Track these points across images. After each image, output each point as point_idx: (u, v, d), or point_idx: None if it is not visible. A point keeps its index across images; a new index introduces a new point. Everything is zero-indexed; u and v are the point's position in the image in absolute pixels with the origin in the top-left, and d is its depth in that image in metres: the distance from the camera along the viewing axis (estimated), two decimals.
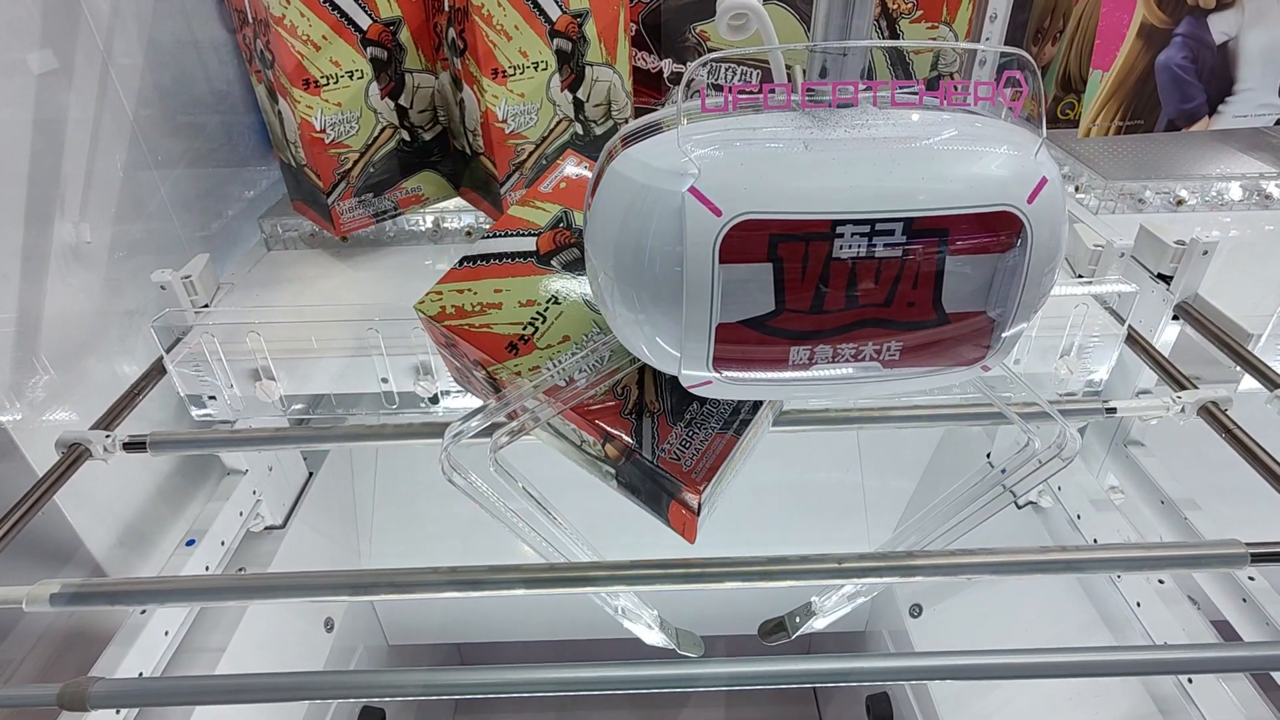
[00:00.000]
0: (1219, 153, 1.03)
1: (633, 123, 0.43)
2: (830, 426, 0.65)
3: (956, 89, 0.40)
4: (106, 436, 0.63)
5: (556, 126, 0.86)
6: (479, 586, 0.50)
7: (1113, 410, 0.66)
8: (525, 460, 0.51)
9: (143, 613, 0.73)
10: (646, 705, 1.59)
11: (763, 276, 0.39)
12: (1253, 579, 0.73)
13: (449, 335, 0.56)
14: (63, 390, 0.72)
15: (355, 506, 1.19)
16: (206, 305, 0.80)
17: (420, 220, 0.95)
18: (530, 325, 0.55)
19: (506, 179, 0.85)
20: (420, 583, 0.51)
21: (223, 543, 0.85)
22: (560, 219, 0.60)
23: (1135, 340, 0.74)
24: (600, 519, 0.60)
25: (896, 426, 0.69)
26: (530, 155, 0.86)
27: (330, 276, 0.90)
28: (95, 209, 0.76)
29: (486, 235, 0.60)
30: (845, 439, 1.22)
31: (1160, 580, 0.79)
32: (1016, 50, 0.40)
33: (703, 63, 0.46)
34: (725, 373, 0.43)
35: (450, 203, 0.95)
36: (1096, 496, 0.88)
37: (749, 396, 0.51)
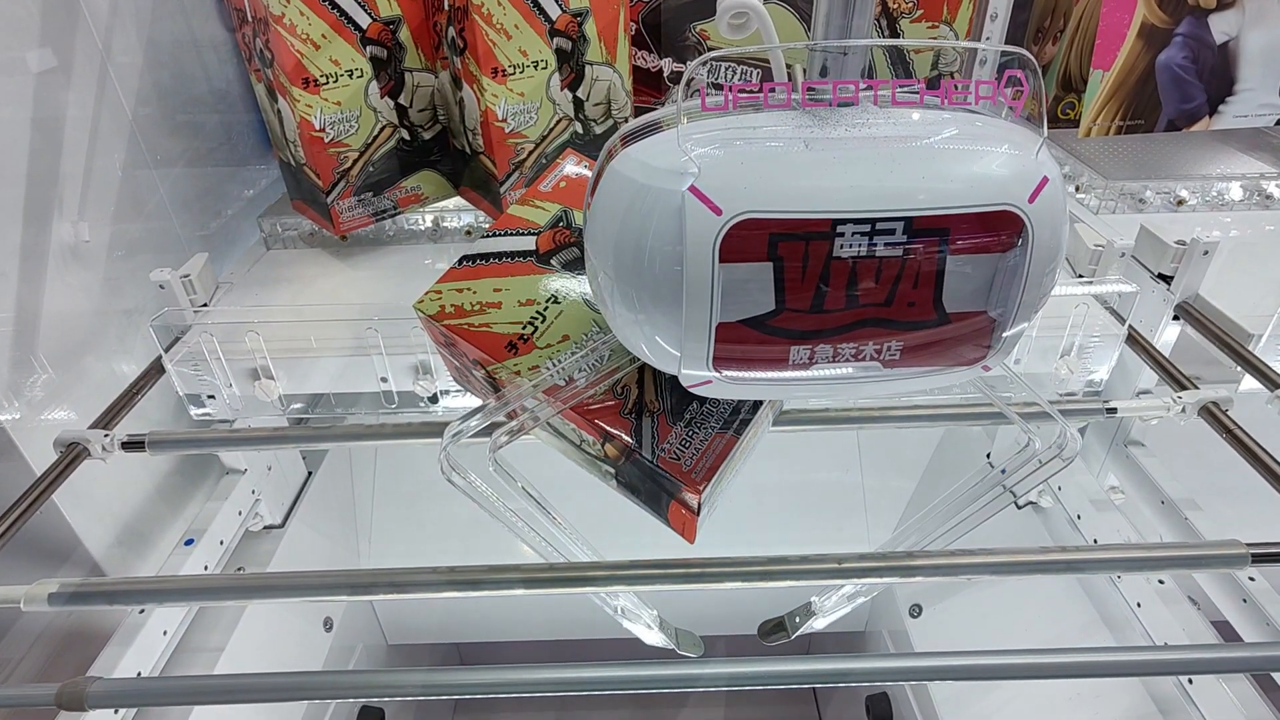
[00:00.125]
0: (1219, 153, 1.03)
1: (632, 122, 0.43)
2: (830, 426, 0.65)
3: (958, 88, 0.40)
4: (105, 436, 0.63)
5: (556, 126, 0.86)
6: (478, 586, 0.50)
7: (1113, 410, 0.66)
8: (525, 460, 0.51)
9: (141, 612, 0.73)
10: (646, 705, 1.59)
11: (763, 276, 0.39)
12: (1253, 579, 0.73)
13: (448, 334, 0.56)
14: (61, 389, 0.72)
15: (354, 506, 1.19)
16: (205, 304, 0.79)
17: (420, 219, 0.95)
18: (530, 324, 0.55)
19: (506, 178, 0.85)
20: (419, 582, 0.50)
21: (221, 542, 0.85)
22: (560, 218, 0.60)
23: (1136, 340, 0.74)
24: (600, 519, 0.60)
25: (896, 426, 0.69)
26: (530, 154, 0.86)
27: (329, 276, 0.90)
28: (94, 208, 0.76)
29: (486, 234, 0.60)
30: (845, 439, 1.22)
31: (1160, 580, 0.79)
32: (1018, 49, 0.40)
33: (702, 61, 0.45)
34: (725, 372, 0.43)
35: (450, 202, 0.95)
36: (1097, 497, 0.88)
37: (749, 396, 0.51)
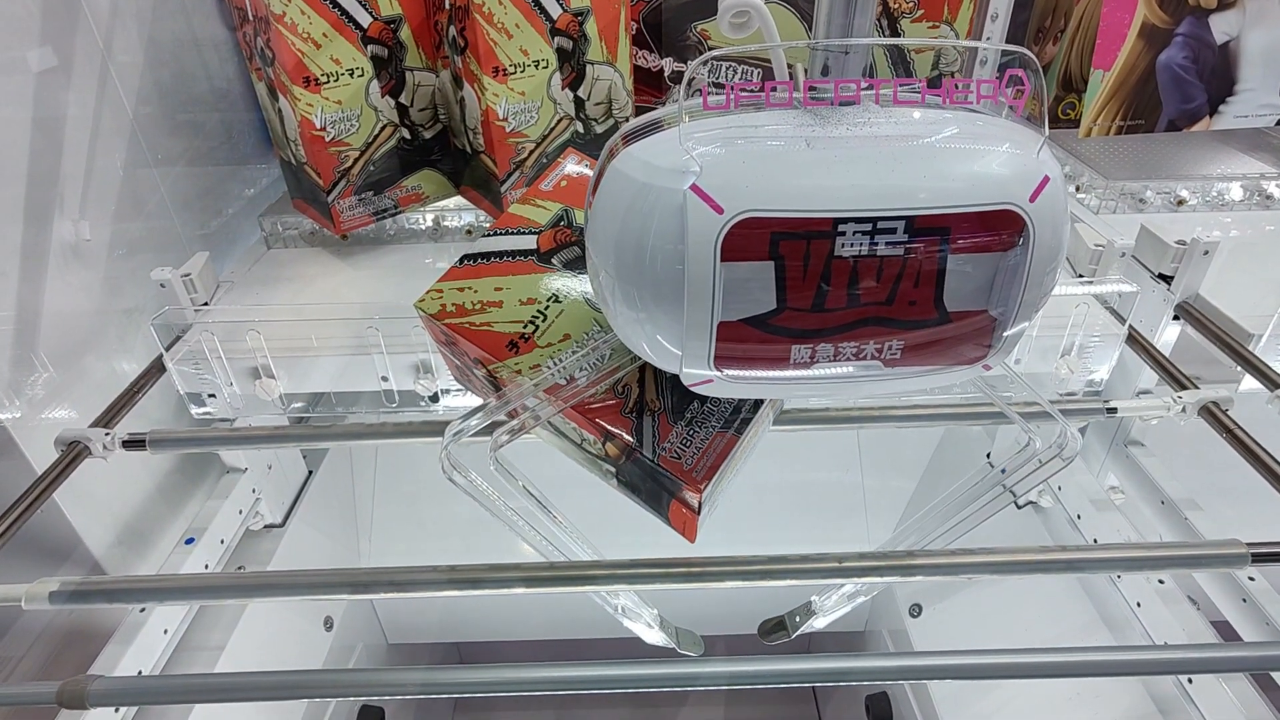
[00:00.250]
0: (1220, 153, 1.03)
1: (634, 121, 0.43)
2: (831, 426, 0.65)
3: (959, 87, 0.40)
4: (106, 434, 0.63)
5: (557, 125, 0.86)
6: (479, 585, 0.50)
7: (1113, 410, 0.66)
8: (525, 459, 0.51)
9: (142, 611, 0.73)
10: (646, 704, 1.59)
11: (764, 275, 0.39)
12: (1253, 579, 0.73)
13: (449, 333, 0.56)
14: (62, 388, 0.72)
15: (355, 505, 1.19)
16: (206, 303, 0.79)
17: (420, 219, 0.95)
18: (531, 324, 0.55)
19: (507, 177, 0.85)
20: (420, 581, 0.51)
21: (222, 541, 0.85)
22: (561, 217, 0.60)
23: (1136, 340, 0.74)
24: (600, 518, 0.60)
25: (897, 426, 0.69)
26: (531, 153, 0.86)
27: (330, 275, 0.90)
28: (95, 207, 0.76)
29: (487, 233, 0.60)
30: (845, 438, 1.22)
31: (1160, 580, 0.79)
32: (1019, 49, 0.40)
33: (704, 61, 0.45)
34: (726, 371, 0.43)
35: (450, 201, 0.95)
36: (1097, 496, 0.88)
37: (750, 395, 0.51)
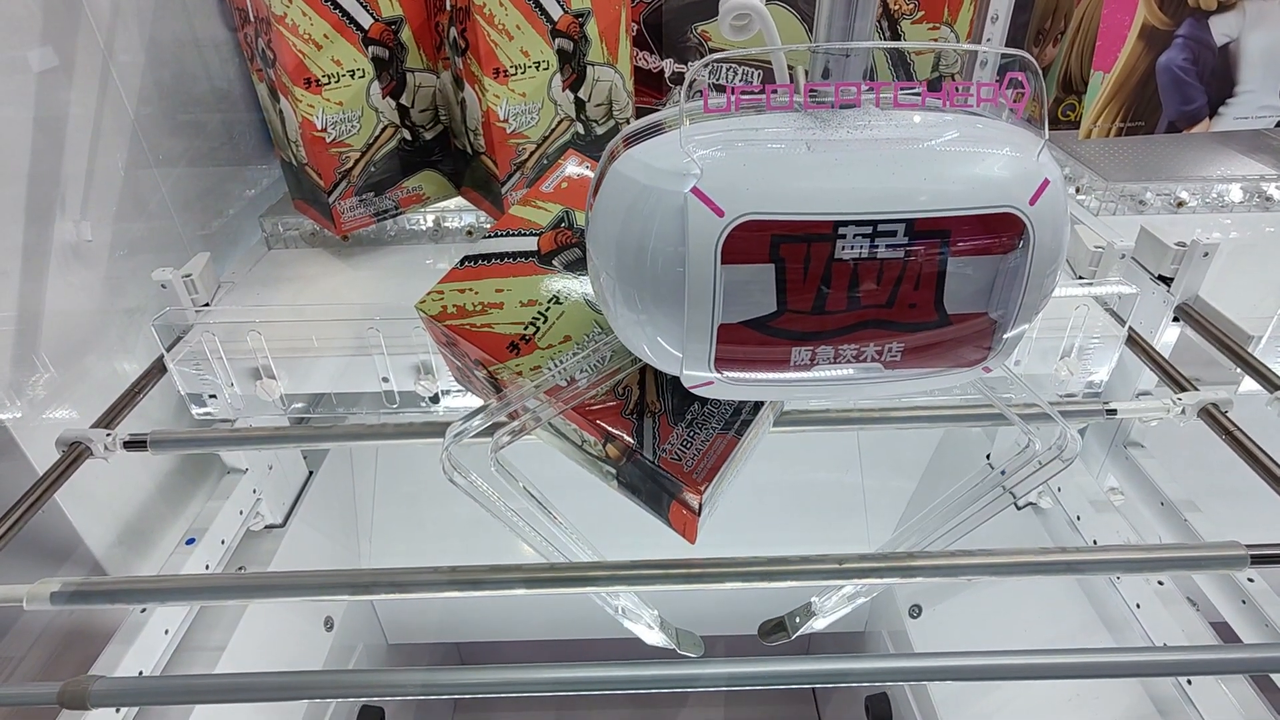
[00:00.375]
0: (1219, 155, 1.03)
1: (635, 123, 0.43)
2: (831, 427, 0.65)
3: (959, 90, 0.40)
4: (107, 435, 0.63)
5: (558, 126, 0.86)
6: (479, 586, 0.50)
7: (1113, 412, 0.66)
8: (526, 460, 0.51)
9: (143, 611, 0.73)
10: (646, 705, 1.59)
11: (765, 277, 0.39)
12: (1252, 581, 0.73)
13: (450, 335, 0.56)
14: (63, 388, 0.72)
15: (355, 506, 1.19)
16: (207, 304, 0.80)
17: (421, 220, 0.95)
18: (532, 325, 0.55)
19: (508, 178, 0.85)
20: (420, 582, 0.51)
21: (223, 541, 0.85)
22: (562, 219, 0.60)
23: (1135, 342, 0.74)
24: (601, 519, 0.60)
25: (897, 427, 0.69)
26: (531, 155, 0.86)
27: (331, 275, 0.90)
28: (96, 207, 0.76)
29: (488, 235, 0.60)
30: (845, 439, 1.22)
31: (1160, 582, 0.79)
32: (1019, 51, 0.40)
33: (705, 64, 0.45)
34: (727, 373, 0.43)
35: (451, 202, 0.95)
36: (1096, 498, 0.88)
37: (750, 397, 0.51)
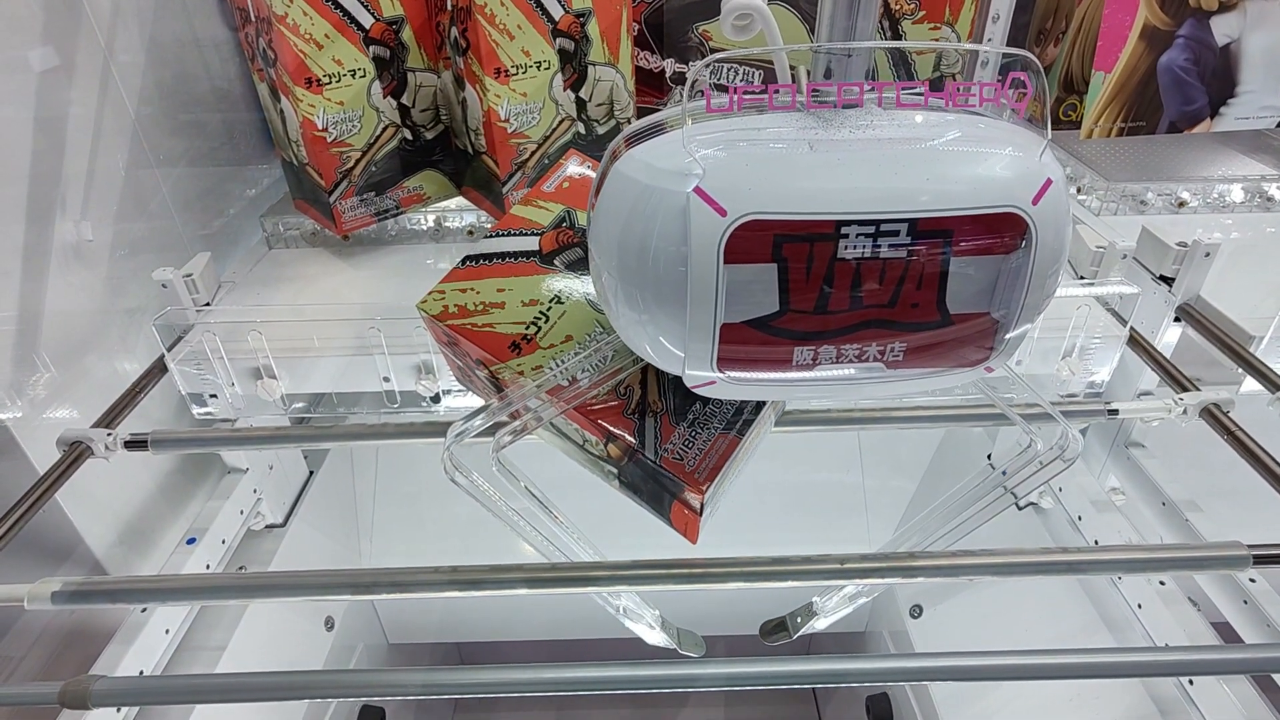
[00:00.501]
0: (1221, 155, 1.03)
1: (637, 123, 0.43)
2: (832, 427, 0.65)
3: (961, 90, 0.40)
4: (108, 435, 0.63)
5: (559, 126, 0.86)
6: (480, 586, 0.50)
7: (1114, 412, 0.66)
8: (527, 460, 0.51)
9: (143, 611, 0.73)
10: (646, 705, 1.59)
11: (767, 277, 0.39)
12: (1254, 581, 0.73)
13: (451, 334, 0.56)
14: (64, 388, 0.72)
15: (356, 505, 1.19)
16: (208, 304, 0.80)
17: (422, 219, 0.95)
18: (533, 325, 0.55)
19: (509, 178, 0.85)
20: (421, 582, 0.51)
21: (223, 541, 0.85)
22: (563, 218, 0.60)
23: (1137, 342, 0.74)
24: (602, 519, 0.60)
25: (898, 427, 0.69)
26: (532, 155, 0.86)
27: (332, 275, 0.90)
28: (96, 207, 0.76)
29: (489, 234, 0.60)
30: (846, 439, 1.22)
31: (1161, 582, 0.79)
32: (1021, 51, 0.40)
33: (706, 63, 0.45)
34: (729, 373, 0.43)
35: (452, 202, 0.95)
36: (1097, 498, 0.88)
37: (753, 397, 0.51)
